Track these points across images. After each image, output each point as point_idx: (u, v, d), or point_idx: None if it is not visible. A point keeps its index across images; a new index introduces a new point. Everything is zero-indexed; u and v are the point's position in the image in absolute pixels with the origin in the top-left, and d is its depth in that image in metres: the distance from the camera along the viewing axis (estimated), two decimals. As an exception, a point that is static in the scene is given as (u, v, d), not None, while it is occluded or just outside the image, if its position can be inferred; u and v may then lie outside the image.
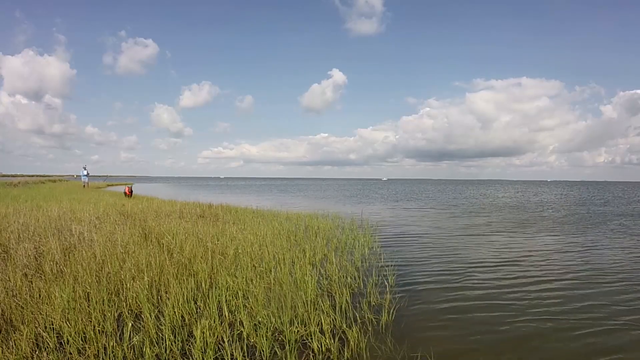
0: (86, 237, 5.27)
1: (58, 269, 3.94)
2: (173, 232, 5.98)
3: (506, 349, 2.89)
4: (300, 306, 3.27)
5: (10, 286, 3.36)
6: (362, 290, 4.15)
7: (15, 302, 3.04)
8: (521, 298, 4.07)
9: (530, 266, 5.60)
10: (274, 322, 3.02)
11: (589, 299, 4.07)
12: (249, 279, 3.91)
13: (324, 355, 2.70)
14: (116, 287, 3.52)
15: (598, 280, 4.85)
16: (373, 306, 3.67)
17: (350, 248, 6.31)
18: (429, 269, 5.32)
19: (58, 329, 2.73)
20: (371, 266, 5.28)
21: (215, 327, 2.84)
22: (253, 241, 5.80)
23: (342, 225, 8.90)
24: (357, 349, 2.80)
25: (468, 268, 5.42)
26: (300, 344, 2.81)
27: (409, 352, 2.80)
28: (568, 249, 7.09)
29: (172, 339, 2.69)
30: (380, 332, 3.13)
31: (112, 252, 4.52)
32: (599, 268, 5.49)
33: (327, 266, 4.87)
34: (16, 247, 4.65)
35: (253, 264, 4.59)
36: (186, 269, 4.12)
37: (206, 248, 4.97)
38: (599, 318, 3.53)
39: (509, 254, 6.47)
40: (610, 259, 6.13)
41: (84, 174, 27.62)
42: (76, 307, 2.99)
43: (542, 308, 3.77)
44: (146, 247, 4.92)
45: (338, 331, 3.02)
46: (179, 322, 2.98)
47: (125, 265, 4.01)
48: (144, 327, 2.85)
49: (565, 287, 4.51)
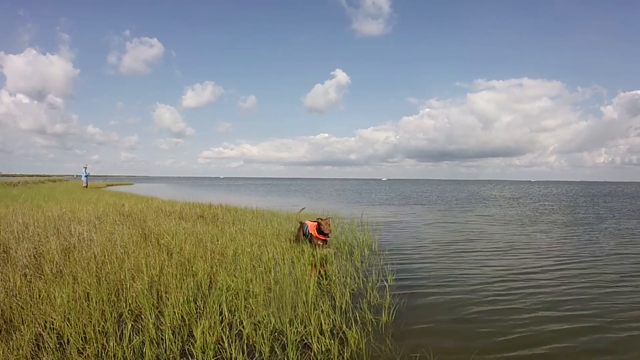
0: (86, 237, 5.27)
1: (58, 269, 3.94)
2: (173, 232, 5.99)
3: (507, 349, 2.90)
4: (300, 306, 3.28)
5: (10, 286, 3.37)
6: (362, 290, 4.15)
7: (15, 303, 3.04)
8: (523, 298, 4.08)
9: (535, 267, 5.59)
10: (273, 322, 3.02)
11: (595, 293, 4.08)
12: (248, 279, 3.91)
13: (323, 355, 2.70)
14: (116, 288, 3.53)
15: (605, 272, 4.85)
16: (373, 306, 3.67)
17: (350, 248, 6.32)
18: (429, 269, 5.33)
19: (58, 329, 2.74)
20: (371, 266, 5.28)
21: (215, 327, 2.85)
22: (253, 241, 5.81)
23: (342, 225, 8.90)
24: (356, 349, 2.80)
25: (468, 268, 5.42)
26: (300, 344, 2.81)
27: (409, 352, 2.80)
28: (575, 249, 7.10)
29: (172, 339, 2.69)
30: (380, 332, 3.13)
31: (111, 252, 4.53)
32: (608, 262, 5.50)
33: (327, 266, 4.88)
34: (16, 247, 4.65)
35: (253, 264, 4.59)
36: (186, 269, 4.13)
37: (206, 248, 4.97)
38: (604, 314, 3.54)
39: (510, 255, 6.48)
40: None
41: (85, 173, 27.64)
42: (76, 307, 2.99)
43: (544, 308, 3.78)
44: (146, 247, 4.93)
45: (338, 331, 3.03)
46: (178, 322, 2.99)
47: (125, 265, 4.01)
48: (143, 328, 2.85)
49: (569, 288, 4.51)
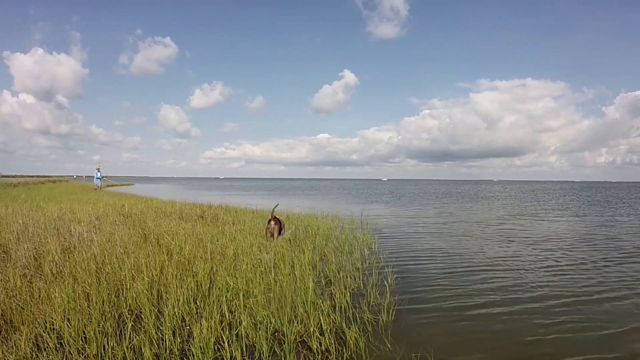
0: (86, 238, 5.27)
1: (58, 270, 3.94)
2: (173, 232, 5.99)
3: (507, 350, 2.90)
4: (300, 306, 3.28)
5: (10, 287, 3.37)
6: (362, 290, 4.16)
7: (15, 303, 3.04)
8: (524, 299, 4.07)
9: (534, 267, 5.60)
10: (273, 322, 3.02)
11: (599, 292, 4.08)
12: (248, 279, 3.92)
13: (323, 355, 2.70)
14: (116, 288, 3.53)
15: (610, 272, 4.86)
16: (372, 306, 3.68)
17: (350, 248, 6.32)
18: (429, 269, 5.33)
19: (58, 330, 2.74)
20: (371, 266, 5.29)
21: (215, 327, 2.85)
22: (253, 241, 5.81)
23: (342, 225, 8.90)
24: (356, 349, 2.81)
25: (469, 268, 5.42)
26: (299, 344, 2.81)
27: (408, 352, 2.81)
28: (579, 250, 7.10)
29: (171, 339, 2.69)
30: (380, 332, 3.14)
31: (111, 252, 4.53)
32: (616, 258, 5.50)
33: (327, 266, 4.88)
34: (16, 248, 4.65)
35: (252, 264, 4.59)
36: (186, 270, 4.13)
37: (206, 248, 4.97)
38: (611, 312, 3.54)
39: (511, 255, 6.48)
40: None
41: (98, 175, 26.70)
42: (76, 307, 2.99)
43: (546, 308, 3.78)
44: (146, 247, 4.93)
45: (337, 331, 3.03)
46: (178, 323, 2.99)
47: (124, 265, 4.01)
48: (143, 328, 2.85)
49: (572, 289, 4.52)
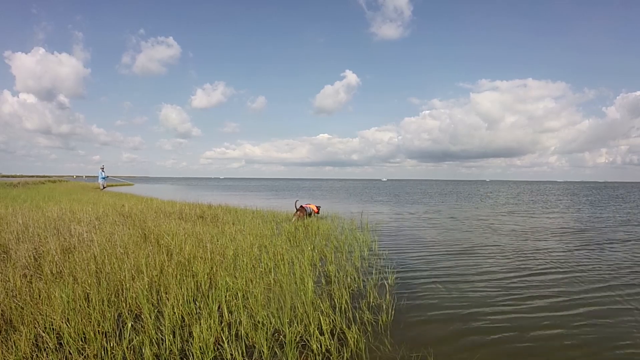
0: (85, 238, 5.27)
1: (57, 270, 3.95)
2: (173, 232, 5.99)
3: (507, 350, 2.90)
4: (300, 306, 3.28)
5: (10, 287, 3.37)
6: (362, 290, 4.16)
7: (15, 303, 3.04)
8: (527, 300, 4.07)
9: (536, 268, 5.60)
10: (273, 323, 3.03)
11: (601, 291, 4.08)
12: (248, 279, 3.92)
13: (323, 355, 2.70)
14: (116, 288, 3.53)
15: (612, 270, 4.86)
16: (372, 306, 3.68)
17: (349, 248, 6.32)
18: (429, 269, 5.33)
19: (58, 330, 2.74)
20: (371, 266, 5.29)
21: (214, 327, 2.85)
22: (252, 241, 5.81)
23: (342, 225, 8.90)
24: (356, 349, 2.81)
25: (469, 268, 5.42)
26: (299, 344, 2.81)
27: (408, 353, 2.81)
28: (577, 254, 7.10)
29: (171, 340, 2.69)
30: (380, 333, 3.14)
31: (111, 252, 4.53)
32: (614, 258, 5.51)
33: (327, 266, 4.88)
34: (16, 248, 4.65)
35: (252, 264, 4.60)
36: (186, 270, 4.13)
37: (205, 249, 4.97)
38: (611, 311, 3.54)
39: (512, 255, 6.48)
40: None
41: (102, 175, 26.75)
42: (76, 307, 2.99)
43: (547, 307, 3.78)
44: (146, 247, 4.93)
45: (337, 331, 3.03)
46: (178, 323, 2.99)
47: (124, 265, 4.01)
48: (143, 328, 2.85)
49: (575, 290, 4.51)
